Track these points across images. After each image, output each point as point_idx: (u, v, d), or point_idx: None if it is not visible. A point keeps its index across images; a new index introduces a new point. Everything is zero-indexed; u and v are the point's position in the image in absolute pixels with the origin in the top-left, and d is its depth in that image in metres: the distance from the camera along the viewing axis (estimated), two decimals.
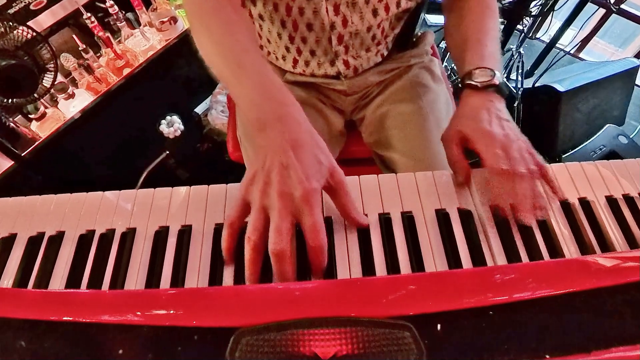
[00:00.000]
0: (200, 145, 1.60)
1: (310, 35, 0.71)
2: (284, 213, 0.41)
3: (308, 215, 0.42)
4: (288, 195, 0.42)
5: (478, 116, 0.54)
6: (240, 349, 0.32)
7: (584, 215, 0.51)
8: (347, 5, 0.66)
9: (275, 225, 0.41)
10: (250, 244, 0.42)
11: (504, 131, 0.53)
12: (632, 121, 1.82)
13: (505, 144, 0.51)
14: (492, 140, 0.51)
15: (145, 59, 1.27)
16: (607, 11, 1.88)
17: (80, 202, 0.52)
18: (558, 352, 0.32)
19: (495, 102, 0.56)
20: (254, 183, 0.44)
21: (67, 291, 0.44)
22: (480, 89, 0.57)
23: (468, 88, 0.59)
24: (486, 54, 0.61)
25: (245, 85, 0.50)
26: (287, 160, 0.43)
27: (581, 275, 0.37)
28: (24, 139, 1.13)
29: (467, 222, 0.49)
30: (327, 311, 0.34)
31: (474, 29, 0.65)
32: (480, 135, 0.53)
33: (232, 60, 0.52)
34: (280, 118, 0.47)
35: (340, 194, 0.46)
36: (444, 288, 0.37)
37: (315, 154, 0.45)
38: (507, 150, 0.51)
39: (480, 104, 0.56)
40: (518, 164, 0.50)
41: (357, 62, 0.78)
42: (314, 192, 0.42)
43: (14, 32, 0.94)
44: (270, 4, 0.67)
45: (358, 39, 0.73)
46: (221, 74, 0.53)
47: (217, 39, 0.54)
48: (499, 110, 0.55)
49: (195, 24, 0.57)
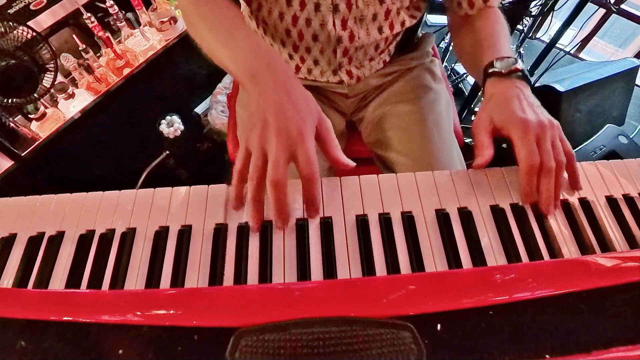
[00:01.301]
0: (200, 145, 1.60)
1: (315, 46, 0.71)
2: (280, 147, 0.44)
3: (301, 147, 0.45)
4: (284, 130, 0.45)
5: (509, 103, 0.53)
6: (240, 349, 0.32)
7: (584, 215, 0.51)
8: (355, 21, 0.67)
9: (273, 158, 0.44)
10: (253, 182, 0.45)
11: (538, 117, 0.51)
12: (632, 121, 1.82)
13: (539, 133, 0.50)
14: (526, 128, 0.50)
15: (145, 59, 1.27)
16: (607, 11, 1.88)
17: (80, 202, 0.52)
18: (558, 352, 0.32)
19: (523, 89, 0.55)
20: (253, 128, 0.47)
21: (67, 291, 0.44)
22: (505, 74, 0.56)
23: (492, 77, 0.57)
24: (503, 48, 0.60)
25: (236, 49, 0.54)
26: (281, 100, 0.47)
27: (581, 275, 0.37)
28: (24, 139, 1.13)
29: (467, 222, 0.49)
30: (327, 311, 0.34)
31: (487, 35, 0.64)
32: (515, 123, 0.51)
33: (222, 30, 0.56)
34: (270, 65, 0.50)
35: (328, 140, 0.49)
36: (444, 288, 0.37)
37: (304, 98, 0.49)
38: (540, 141, 0.50)
39: (508, 91, 0.54)
40: (548, 157, 0.49)
41: (360, 72, 0.78)
42: (307, 126, 0.46)
43: (14, 32, 0.94)
44: (276, 11, 0.66)
45: (362, 50, 0.73)
46: (213, 48, 0.57)
47: (208, 16, 0.58)
48: (528, 96, 0.54)
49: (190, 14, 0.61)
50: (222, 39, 0.55)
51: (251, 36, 0.54)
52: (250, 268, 0.46)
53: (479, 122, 0.55)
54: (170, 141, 1.44)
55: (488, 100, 0.56)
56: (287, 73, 0.50)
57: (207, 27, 0.57)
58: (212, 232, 0.49)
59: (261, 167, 0.45)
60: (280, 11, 0.66)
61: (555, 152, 0.50)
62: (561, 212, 0.51)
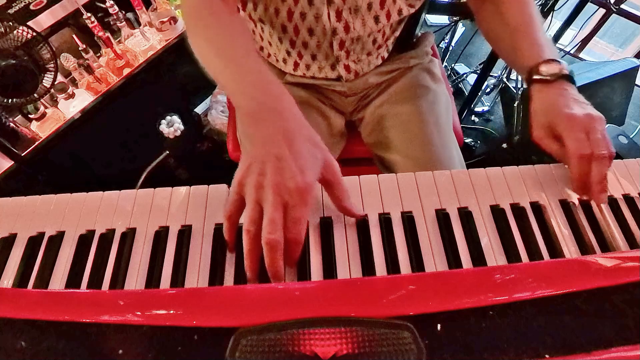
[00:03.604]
0: (200, 145, 1.60)
1: (312, 40, 0.71)
2: (277, 204, 0.42)
3: (297, 208, 0.42)
4: (282, 186, 0.42)
5: (556, 104, 0.53)
6: (240, 349, 0.32)
7: (583, 215, 0.51)
8: (350, 12, 0.66)
9: (269, 216, 0.41)
10: (249, 235, 0.43)
11: (584, 111, 0.52)
12: (632, 121, 1.82)
13: (588, 125, 0.51)
14: (574, 122, 0.51)
15: (145, 59, 1.27)
16: (607, 11, 1.88)
17: (80, 202, 0.52)
18: (558, 352, 0.32)
19: (570, 90, 0.55)
20: (248, 175, 0.44)
21: (67, 291, 0.44)
22: (552, 81, 0.56)
23: (538, 83, 0.57)
24: (544, 43, 0.59)
25: (242, 82, 0.51)
26: (281, 153, 0.44)
27: (581, 275, 0.37)
28: (24, 139, 1.13)
29: (467, 222, 0.49)
30: (327, 311, 0.34)
31: (520, 20, 0.63)
32: (562, 119, 0.52)
33: (230, 61, 0.53)
34: (275, 109, 0.47)
35: (335, 186, 0.47)
36: (444, 288, 0.37)
37: (309, 147, 0.46)
38: (590, 133, 0.50)
39: (555, 94, 0.55)
40: (599, 146, 0.49)
41: (358, 67, 0.78)
42: (307, 185, 0.43)
43: (14, 32, 0.94)
44: (272, 8, 0.66)
45: (359, 43, 0.73)
46: (218, 74, 0.54)
47: (215, 41, 0.55)
48: (573, 94, 0.55)
49: (192, 26, 0.58)
50: (229, 70, 0.52)
51: (261, 71, 0.51)
52: None
53: (537, 133, 0.55)
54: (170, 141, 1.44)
55: (536, 107, 0.56)
56: (293, 117, 0.48)
57: (215, 51, 0.54)
58: (212, 232, 0.49)
59: (257, 221, 0.43)
60: (275, 7, 0.66)
61: (605, 143, 0.50)
62: (561, 212, 0.51)
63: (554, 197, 0.52)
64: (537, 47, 0.58)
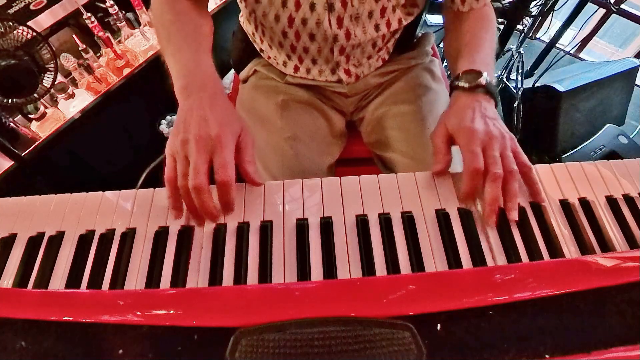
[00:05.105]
0: None
1: (312, 45, 0.71)
2: (200, 151, 0.47)
3: (219, 153, 0.48)
4: (204, 136, 0.48)
5: (463, 114, 0.55)
6: (240, 349, 0.32)
7: (584, 215, 0.51)
8: (351, 19, 0.67)
9: (194, 163, 0.47)
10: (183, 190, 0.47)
11: (487, 128, 0.53)
12: (632, 121, 1.82)
13: (486, 142, 0.52)
14: (473, 136, 0.52)
15: (145, 59, 1.27)
16: (607, 11, 1.88)
17: (80, 202, 0.52)
18: (558, 352, 0.32)
19: (483, 102, 0.57)
20: (176, 135, 0.50)
21: (67, 291, 0.44)
22: (468, 89, 0.58)
23: (457, 90, 0.59)
24: (477, 59, 0.61)
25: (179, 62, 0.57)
26: (204, 113, 0.50)
27: (581, 275, 0.37)
28: (24, 139, 1.13)
29: (467, 222, 0.49)
30: (327, 311, 0.34)
31: (469, 40, 0.66)
32: (463, 131, 0.53)
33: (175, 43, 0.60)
34: (203, 85, 0.54)
35: (244, 151, 0.52)
36: (444, 288, 0.37)
37: (228, 112, 0.52)
38: (487, 149, 0.51)
39: (467, 103, 0.57)
40: (494, 164, 0.50)
41: (359, 70, 0.78)
42: (226, 134, 0.49)
43: (14, 32, 0.94)
44: (272, 14, 0.67)
45: (359, 48, 0.73)
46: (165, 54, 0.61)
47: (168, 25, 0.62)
48: (485, 108, 0.56)
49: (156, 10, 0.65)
50: (172, 51, 0.58)
51: (198, 53, 0.58)
52: (250, 268, 0.46)
53: (436, 129, 0.57)
54: None
55: (447, 110, 0.59)
56: (217, 92, 0.54)
57: (166, 37, 0.61)
58: (211, 232, 0.49)
59: (187, 174, 0.47)
60: (276, 13, 0.66)
61: (506, 162, 0.51)
62: (561, 212, 0.51)
63: (554, 197, 0.52)
64: (468, 62, 0.61)
